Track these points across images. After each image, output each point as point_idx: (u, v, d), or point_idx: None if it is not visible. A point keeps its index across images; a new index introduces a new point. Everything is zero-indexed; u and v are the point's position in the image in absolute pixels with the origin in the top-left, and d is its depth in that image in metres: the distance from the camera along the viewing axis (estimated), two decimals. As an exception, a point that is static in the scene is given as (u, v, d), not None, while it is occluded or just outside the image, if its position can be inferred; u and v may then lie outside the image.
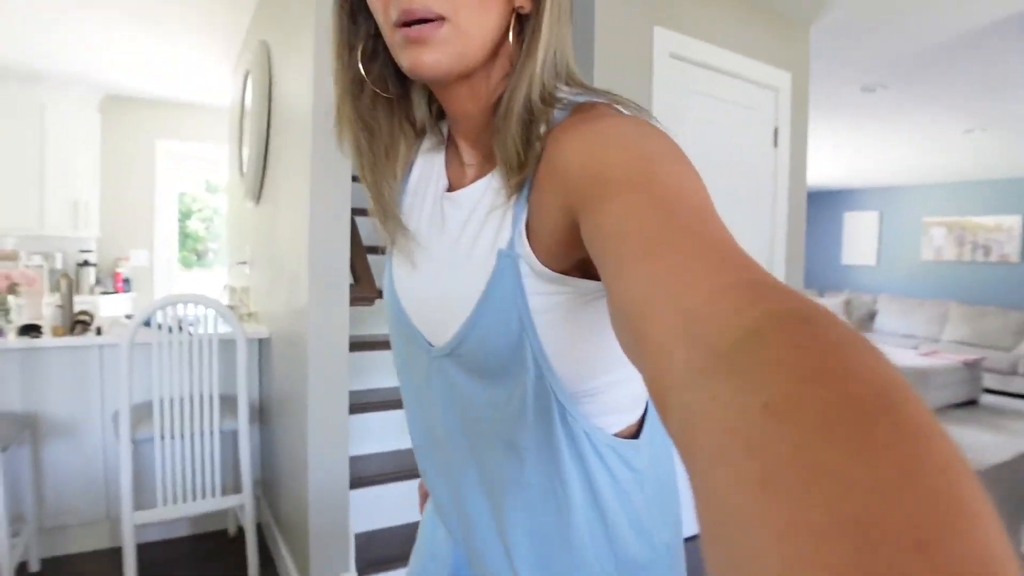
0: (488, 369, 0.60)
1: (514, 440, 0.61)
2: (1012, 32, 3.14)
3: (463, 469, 0.67)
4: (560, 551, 0.64)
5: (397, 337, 0.73)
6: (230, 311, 2.33)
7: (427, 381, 0.68)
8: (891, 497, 0.17)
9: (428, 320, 0.67)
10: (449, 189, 0.67)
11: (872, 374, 0.23)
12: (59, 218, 4.67)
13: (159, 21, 3.56)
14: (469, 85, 0.60)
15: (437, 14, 0.53)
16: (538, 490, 0.62)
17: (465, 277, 0.61)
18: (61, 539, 2.55)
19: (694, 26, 2.78)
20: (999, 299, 7.41)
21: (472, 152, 0.66)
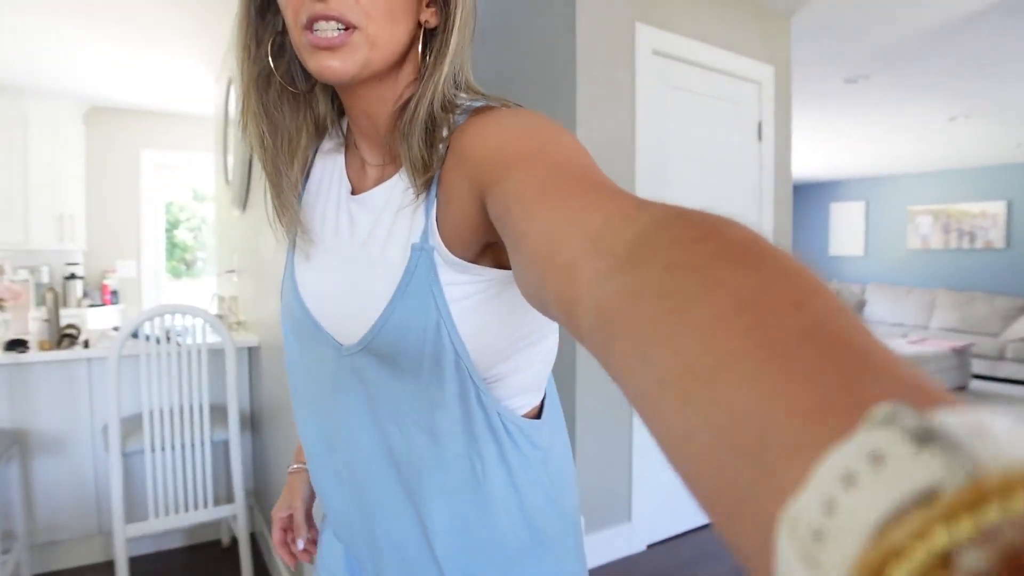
0: (405, 359, 0.62)
1: (433, 425, 0.63)
2: (994, 19, 3.17)
3: (370, 466, 0.67)
4: (480, 528, 0.66)
5: (296, 339, 0.73)
6: (219, 320, 2.32)
7: (334, 381, 0.68)
8: (770, 287, 0.24)
9: (337, 319, 0.67)
10: (353, 192, 0.69)
11: (741, 231, 0.29)
12: (44, 231, 4.63)
13: (141, 31, 3.54)
14: (374, 89, 0.63)
15: (349, 22, 0.56)
16: (457, 471, 0.64)
17: (380, 273, 0.62)
18: (53, 555, 2.53)
19: (676, 22, 2.79)
20: (985, 285, 7.47)
21: (372, 152, 0.68)
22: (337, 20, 0.56)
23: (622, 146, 2.65)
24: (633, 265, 0.30)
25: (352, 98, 0.65)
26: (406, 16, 0.60)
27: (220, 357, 2.62)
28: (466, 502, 0.65)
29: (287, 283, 0.75)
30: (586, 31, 2.52)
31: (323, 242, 0.70)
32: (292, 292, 0.73)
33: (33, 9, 3.18)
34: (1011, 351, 6.51)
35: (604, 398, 2.66)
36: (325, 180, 0.73)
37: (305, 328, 0.71)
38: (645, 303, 0.27)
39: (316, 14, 0.55)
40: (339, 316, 0.67)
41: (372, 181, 0.68)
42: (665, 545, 2.85)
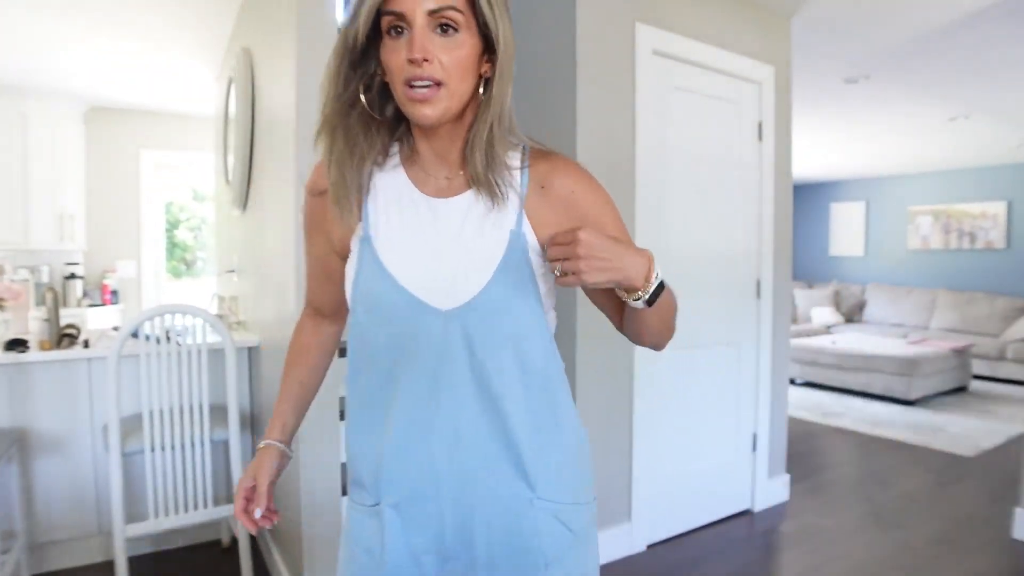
0: (507, 308, 0.87)
1: (521, 350, 0.88)
2: (994, 19, 3.16)
3: (461, 397, 0.87)
4: (550, 431, 0.91)
5: (378, 305, 0.89)
6: (218, 320, 2.32)
7: (432, 339, 0.86)
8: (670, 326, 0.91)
9: (436, 291, 0.87)
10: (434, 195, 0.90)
11: None
12: (44, 231, 4.63)
13: (141, 31, 3.53)
14: (448, 127, 0.87)
15: (436, 81, 0.79)
16: (537, 382, 0.90)
17: (479, 255, 0.87)
18: (52, 554, 2.53)
19: (676, 22, 2.79)
20: (986, 285, 7.47)
21: (439, 168, 0.91)
22: (428, 79, 0.79)
23: (622, 146, 2.64)
24: None
25: (431, 133, 0.88)
26: (473, 72, 0.83)
27: (220, 357, 2.62)
28: (542, 408, 0.90)
29: (371, 271, 0.89)
30: (586, 31, 2.52)
31: (405, 230, 0.89)
32: (381, 276, 0.88)
33: (33, 9, 3.18)
34: (1011, 351, 6.51)
35: (604, 399, 2.66)
36: (392, 189, 0.91)
37: (391, 298, 0.87)
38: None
39: (414, 76, 0.79)
40: (439, 288, 0.86)
41: (443, 191, 0.90)
42: (665, 545, 2.85)
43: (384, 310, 0.88)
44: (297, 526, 2.12)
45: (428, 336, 0.87)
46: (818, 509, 3.28)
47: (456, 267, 0.87)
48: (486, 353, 0.86)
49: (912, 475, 3.80)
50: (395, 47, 0.80)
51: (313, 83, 2.06)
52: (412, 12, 0.78)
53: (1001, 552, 2.77)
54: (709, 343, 2.99)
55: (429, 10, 0.78)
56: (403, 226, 0.89)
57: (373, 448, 0.91)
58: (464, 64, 0.81)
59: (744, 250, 3.13)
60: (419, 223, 0.89)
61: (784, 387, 3.38)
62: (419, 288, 0.87)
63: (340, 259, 0.97)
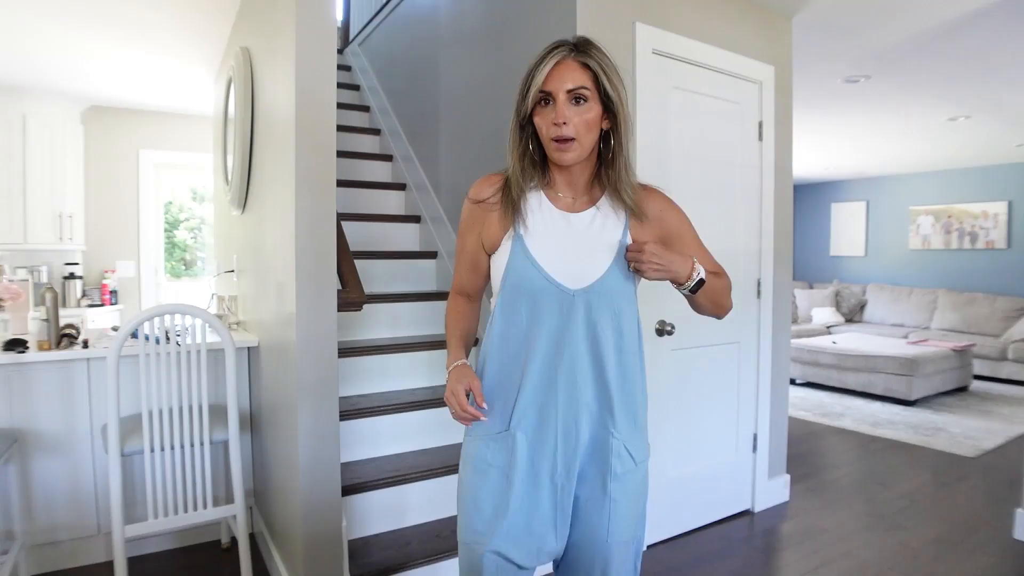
0: (614, 292, 1.27)
1: (618, 321, 1.28)
2: (995, 19, 3.16)
3: (578, 349, 1.25)
4: (631, 382, 1.30)
5: (528, 286, 1.26)
6: (218, 320, 2.31)
7: (562, 310, 1.25)
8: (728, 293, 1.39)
9: (567, 273, 1.26)
10: (565, 210, 1.31)
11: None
12: (43, 231, 4.63)
13: (140, 30, 3.53)
14: (578, 166, 1.28)
15: (571, 137, 1.20)
16: (628, 344, 1.30)
17: (599, 253, 1.27)
18: (52, 555, 2.52)
19: (676, 21, 2.78)
20: (987, 286, 7.47)
21: (568, 192, 1.32)
22: (567, 136, 1.20)
23: (622, 146, 2.64)
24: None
25: (567, 170, 1.29)
26: (596, 129, 1.24)
27: (220, 357, 2.62)
28: (628, 363, 1.29)
29: (519, 255, 1.27)
30: (586, 31, 2.51)
31: (546, 233, 1.28)
32: (528, 262, 1.26)
33: (32, 9, 3.17)
34: (1012, 352, 6.51)
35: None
36: (535, 204, 1.31)
37: (538, 282, 1.26)
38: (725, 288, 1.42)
39: (558, 135, 1.20)
40: (568, 272, 1.26)
41: (570, 207, 1.31)
42: (665, 545, 2.84)
43: (530, 287, 1.26)
44: (297, 526, 2.11)
45: (559, 307, 1.25)
46: (818, 509, 3.27)
47: (583, 261, 1.27)
48: (597, 321, 1.26)
49: (913, 475, 3.79)
50: (545, 113, 1.22)
51: (312, 83, 2.05)
52: (557, 91, 1.20)
53: (1002, 553, 2.76)
54: (709, 343, 2.99)
55: (568, 89, 1.20)
56: (545, 230, 1.28)
57: (509, 390, 1.28)
58: (590, 124, 1.22)
59: (744, 250, 3.13)
60: (556, 228, 1.29)
61: (784, 387, 3.38)
62: (556, 273, 1.26)
63: (486, 254, 1.36)
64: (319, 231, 2.08)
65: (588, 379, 1.26)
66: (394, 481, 2.48)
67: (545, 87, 1.20)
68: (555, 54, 1.21)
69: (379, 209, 3.84)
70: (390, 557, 2.31)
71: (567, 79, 1.19)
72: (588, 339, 1.25)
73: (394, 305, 3.21)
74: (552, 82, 1.20)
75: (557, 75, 1.20)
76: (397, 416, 2.71)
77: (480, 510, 1.27)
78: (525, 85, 1.23)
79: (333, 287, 2.14)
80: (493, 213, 1.32)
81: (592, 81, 1.21)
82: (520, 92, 1.24)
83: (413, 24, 4.09)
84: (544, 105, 1.22)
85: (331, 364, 2.11)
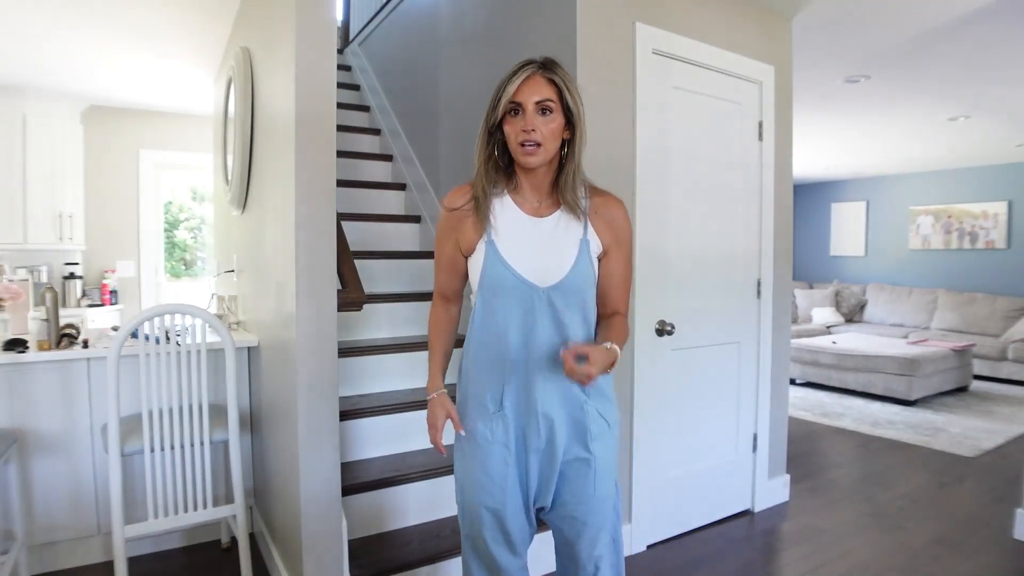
0: (576, 289, 1.43)
1: (584, 310, 1.46)
2: (995, 19, 3.16)
3: (550, 337, 1.43)
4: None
5: (501, 290, 1.43)
6: (218, 320, 2.31)
7: (534, 305, 1.42)
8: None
9: (535, 274, 1.42)
10: (532, 214, 1.47)
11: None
12: (43, 231, 4.63)
13: (141, 30, 3.53)
14: (542, 170, 1.44)
15: (538, 143, 1.36)
16: (591, 328, 1.49)
17: (564, 249, 1.43)
18: (51, 555, 2.52)
19: (676, 21, 2.78)
20: (987, 286, 7.47)
21: (534, 196, 1.47)
22: (534, 141, 1.36)
23: (622, 146, 2.64)
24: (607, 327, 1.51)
25: (532, 173, 1.44)
26: (559, 137, 1.40)
27: (220, 357, 2.62)
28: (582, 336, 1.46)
29: (492, 258, 1.43)
30: (586, 31, 2.52)
31: (516, 236, 1.44)
32: (500, 263, 1.42)
33: (32, 9, 3.17)
34: (1012, 352, 6.50)
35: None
36: (504, 209, 1.46)
37: (510, 281, 1.42)
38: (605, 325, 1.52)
39: (526, 139, 1.36)
40: (537, 272, 1.42)
41: (536, 210, 1.47)
42: (665, 545, 2.84)
43: (504, 287, 1.42)
44: (297, 526, 2.11)
45: (532, 303, 1.42)
46: (818, 509, 3.27)
47: (549, 261, 1.43)
48: (564, 313, 1.43)
49: (912, 475, 3.79)
50: (514, 122, 1.38)
51: (312, 83, 2.05)
52: (527, 102, 1.36)
53: (1002, 553, 2.76)
54: (709, 343, 2.99)
55: (536, 101, 1.36)
56: (514, 233, 1.44)
57: (498, 376, 1.46)
58: (554, 132, 1.38)
59: (744, 250, 3.13)
60: (524, 231, 1.44)
61: (784, 387, 3.38)
62: (526, 273, 1.42)
63: (463, 257, 1.51)
64: (319, 231, 2.08)
65: (560, 363, 1.39)
66: (394, 481, 2.48)
67: (515, 98, 1.36)
68: (525, 70, 1.38)
69: (379, 209, 3.84)
70: (390, 557, 2.31)
71: (535, 92, 1.36)
72: (557, 328, 1.43)
73: (394, 305, 3.21)
74: (522, 94, 1.36)
75: (527, 88, 1.36)
76: (397, 416, 2.71)
77: (490, 476, 1.48)
78: (496, 96, 1.39)
79: (333, 287, 2.14)
80: (467, 219, 1.47)
81: (557, 95, 1.37)
82: (491, 102, 1.41)
83: (413, 24, 4.09)
84: (514, 115, 1.38)
85: (331, 364, 2.11)
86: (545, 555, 2.52)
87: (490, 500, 1.48)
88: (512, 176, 1.48)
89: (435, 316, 1.64)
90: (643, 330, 2.68)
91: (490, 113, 1.41)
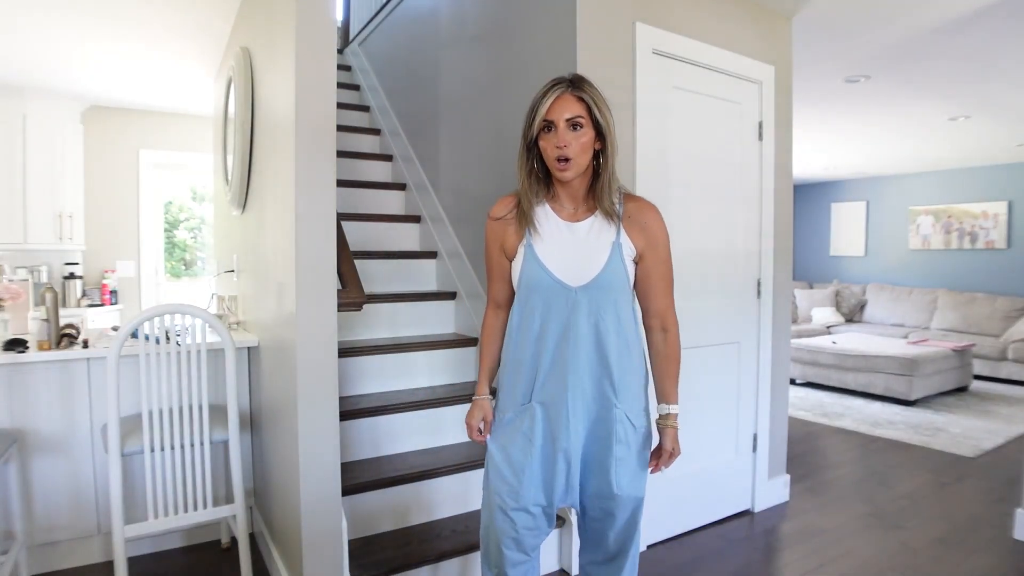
0: (609, 288, 1.52)
1: (616, 309, 1.53)
2: (995, 19, 3.16)
3: (582, 339, 1.52)
4: (628, 365, 1.56)
5: (537, 288, 1.54)
6: (218, 320, 2.31)
7: (567, 304, 1.51)
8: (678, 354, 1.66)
9: (569, 274, 1.52)
10: (568, 219, 1.57)
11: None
12: (43, 231, 4.63)
13: (141, 30, 3.53)
14: (577, 181, 1.55)
15: (570, 158, 1.47)
16: (625, 329, 1.55)
17: (596, 254, 1.53)
18: (51, 555, 2.52)
19: (676, 21, 2.78)
20: (987, 286, 7.47)
21: (570, 204, 1.58)
22: (567, 156, 1.46)
23: (622, 146, 2.63)
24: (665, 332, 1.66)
25: (567, 185, 1.55)
26: (591, 149, 1.50)
27: (220, 357, 2.62)
28: (624, 342, 1.55)
29: (530, 259, 1.54)
30: (586, 31, 2.52)
31: (553, 240, 1.55)
32: (537, 264, 1.53)
33: (32, 9, 3.17)
34: (1012, 352, 6.50)
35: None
36: (543, 216, 1.58)
37: (545, 281, 1.52)
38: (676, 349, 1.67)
39: (559, 155, 1.47)
40: (570, 273, 1.52)
41: (574, 216, 1.57)
42: (665, 545, 2.84)
43: (540, 287, 1.53)
44: (297, 526, 2.11)
45: (566, 302, 1.52)
46: (818, 509, 3.27)
47: (583, 262, 1.53)
48: (598, 311, 1.52)
49: (913, 475, 3.79)
50: (548, 138, 1.49)
51: (312, 83, 2.05)
52: (558, 119, 1.46)
53: (1002, 553, 2.76)
54: (709, 343, 2.99)
55: (566, 118, 1.46)
56: (551, 238, 1.56)
57: (531, 370, 1.56)
58: (585, 146, 1.48)
59: (744, 250, 3.13)
60: (561, 236, 1.56)
61: (784, 387, 3.38)
62: (561, 273, 1.52)
63: (508, 261, 1.62)
64: (319, 231, 2.08)
65: (593, 360, 1.53)
66: (394, 481, 2.48)
67: (548, 117, 1.47)
68: (555, 89, 1.48)
69: (379, 209, 3.84)
70: (390, 557, 2.31)
71: (566, 110, 1.46)
72: (591, 327, 1.52)
73: (394, 305, 3.21)
74: (553, 112, 1.46)
75: (557, 107, 1.46)
76: (397, 416, 2.71)
77: (511, 462, 1.58)
78: (531, 115, 1.50)
79: (333, 287, 2.14)
80: (510, 227, 1.60)
81: (586, 111, 1.47)
82: (527, 121, 1.51)
83: (413, 24, 4.09)
84: (547, 132, 1.48)
85: (331, 364, 2.11)
86: (546, 555, 2.52)
87: (506, 489, 1.58)
88: (550, 185, 1.59)
89: (487, 323, 1.75)
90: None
91: (526, 131, 1.52)
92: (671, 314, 1.63)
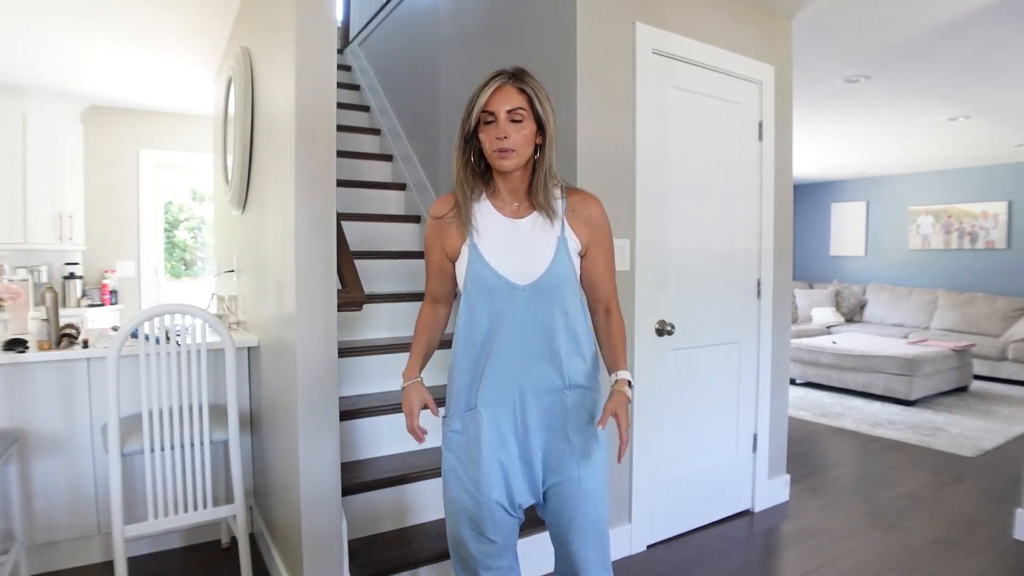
0: (556, 286, 1.49)
1: (564, 306, 1.51)
2: (995, 19, 3.16)
3: (531, 333, 1.49)
4: (575, 353, 1.53)
5: (484, 288, 1.49)
6: (218, 320, 2.31)
7: (515, 303, 1.48)
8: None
9: (514, 273, 1.48)
10: (511, 216, 1.53)
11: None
12: (43, 230, 4.62)
13: (141, 30, 3.53)
14: (517, 173, 1.50)
15: (511, 148, 1.42)
16: (574, 322, 1.53)
17: (542, 248, 1.49)
18: (52, 555, 2.52)
19: (676, 21, 2.78)
20: (987, 286, 7.47)
21: (514, 200, 1.54)
22: (507, 147, 1.42)
23: (622, 146, 2.64)
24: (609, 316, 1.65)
25: (508, 177, 1.51)
26: (531, 142, 1.46)
27: (220, 357, 2.62)
28: (572, 334, 1.52)
29: (475, 260, 1.49)
30: (586, 31, 2.52)
31: (497, 238, 1.50)
32: (482, 264, 1.49)
33: (32, 9, 3.17)
34: (1012, 352, 6.50)
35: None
36: (484, 213, 1.53)
37: (491, 281, 1.48)
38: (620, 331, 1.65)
39: (499, 147, 1.42)
40: (516, 271, 1.48)
41: (515, 212, 1.53)
42: (665, 545, 2.84)
43: (486, 287, 1.49)
44: (297, 526, 2.11)
45: (512, 301, 1.49)
46: (818, 509, 3.27)
47: (528, 260, 1.49)
48: (545, 309, 1.49)
49: (912, 475, 3.79)
50: (488, 130, 1.44)
51: (312, 83, 2.05)
52: (499, 110, 1.42)
53: (1002, 553, 2.76)
54: (709, 343, 2.99)
55: (507, 110, 1.42)
56: (495, 236, 1.51)
57: (475, 374, 1.52)
58: (527, 138, 1.44)
59: (744, 250, 3.13)
60: (504, 233, 1.51)
61: (784, 387, 3.38)
62: (507, 272, 1.49)
63: (450, 261, 1.57)
64: (319, 231, 2.08)
65: (543, 355, 1.50)
66: (394, 481, 2.48)
67: (488, 107, 1.43)
68: (496, 80, 1.45)
69: (379, 209, 3.84)
70: (390, 557, 2.31)
71: (507, 101, 1.43)
72: (539, 324, 1.49)
73: (394, 305, 3.21)
74: (494, 103, 1.43)
75: (498, 98, 1.43)
76: (397, 416, 2.71)
77: (466, 469, 1.53)
78: (470, 106, 1.46)
79: (333, 287, 2.14)
80: (452, 226, 1.54)
81: (528, 103, 1.44)
82: (465, 112, 1.47)
83: (413, 24, 4.09)
84: (487, 123, 1.44)
85: (331, 364, 2.11)
86: (544, 555, 2.52)
87: (465, 496, 1.52)
88: (490, 181, 1.54)
89: (422, 315, 1.71)
90: (643, 330, 2.68)
91: (465, 122, 1.47)
92: (614, 299, 1.63)
